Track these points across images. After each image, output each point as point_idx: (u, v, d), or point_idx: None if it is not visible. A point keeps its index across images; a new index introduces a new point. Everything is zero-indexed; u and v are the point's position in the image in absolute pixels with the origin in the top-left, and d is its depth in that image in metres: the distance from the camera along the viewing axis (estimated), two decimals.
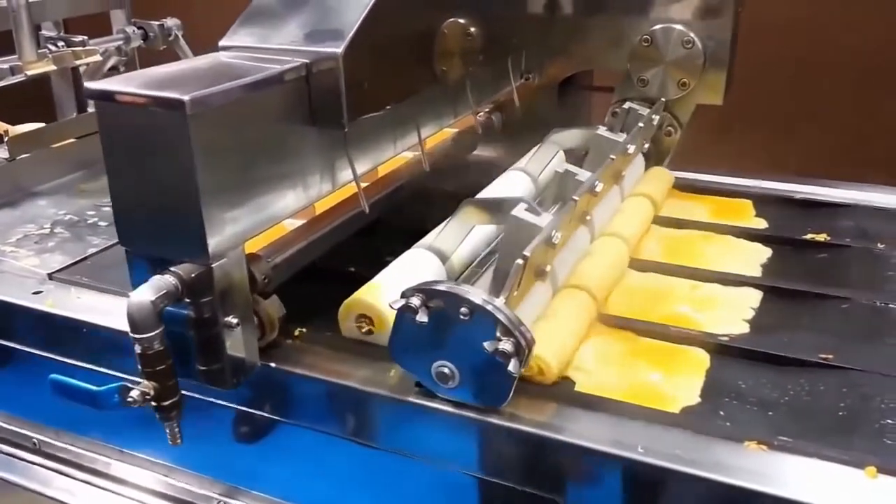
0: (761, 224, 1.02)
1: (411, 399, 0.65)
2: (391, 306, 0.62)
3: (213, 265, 0.62)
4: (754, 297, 0.83)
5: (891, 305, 0.81)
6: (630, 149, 0.90)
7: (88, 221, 1.07)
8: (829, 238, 0.96)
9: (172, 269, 0.62)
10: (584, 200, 0.76)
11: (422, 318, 0.61)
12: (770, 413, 0.65)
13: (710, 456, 0.59)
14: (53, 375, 0.64)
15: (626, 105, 1.02)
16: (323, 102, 0.68)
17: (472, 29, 0.91)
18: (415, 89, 0.82)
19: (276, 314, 0.72)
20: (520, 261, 0.61)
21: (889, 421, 0.64)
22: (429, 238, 0.83)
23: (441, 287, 0.61)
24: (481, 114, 1.14)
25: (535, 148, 1.12)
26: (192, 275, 0.63)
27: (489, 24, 0.94)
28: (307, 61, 0.67)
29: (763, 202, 1.07)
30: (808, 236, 0.96)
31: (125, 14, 1.32)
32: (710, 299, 0.82)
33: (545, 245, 0.66)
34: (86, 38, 1.25)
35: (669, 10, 1.05)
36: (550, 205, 0.79)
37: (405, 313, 0.62)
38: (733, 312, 0.80)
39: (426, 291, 0.62)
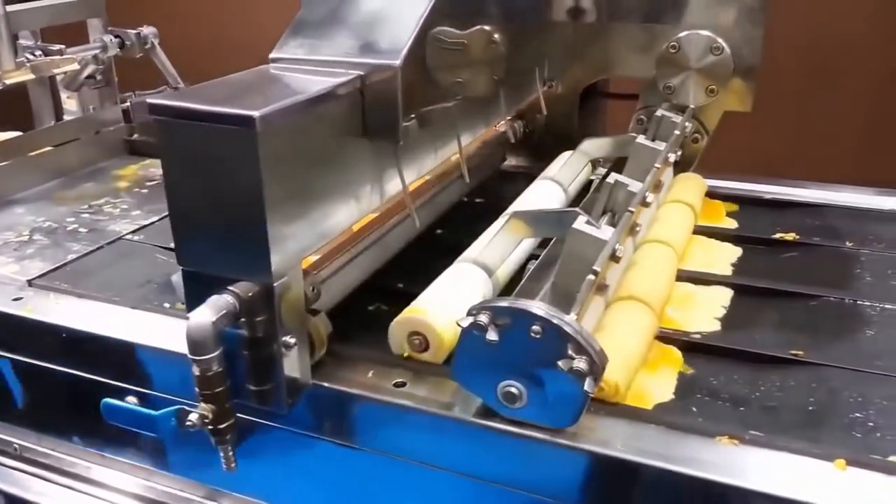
0: (732, 224, 1.04)
1: (483, 422, 0.63)
2: (458, 324, 0.61)
3: (275, 284, 0.60)
4: (725, 295, 0.85)
5: (859, 302, 0.84)
6: (671, 157, 0.90)
7: (68, 228, 1.07)
8: (798, 237, 0.98)
9: (231, 288, 0.61)
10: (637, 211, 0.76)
11: (492, 336, 0.60)
12: (742, 409, 0.67)
13: (683, 451, 0.60)
14: (106, 400, 0.62)
15: (660, 113, 1.02)
16: (378, 115, 0.67)
17: (497, 36, 0.90)
18: (458, 99, 0.80)
19: (325, 331, 0.70)
20: (591, 276, 0.60)
21: (857, 415, 0.66)
22: (473, 251, 0.82)
23: (510, 304, 0.60)
24: (503, 123, 1.13)
25: (565, 157, 1.12)
26: (250, 294, 0.61)
27: (514, 32, 0.94)
28: (362, 73, 0.66)
29: (733, 202, 1.09)
30: (778, 235, 0.99)
31: (102, 23, 1.32)
32: (683, 298, 0.84)
33: (609, 259, 0.66)
34: (63, 47, 1.24)
35: (698, 16, 1.05)
36: (599, 216, 0.78)
37: (472, 332, 0.61)
38: (705, 311, 0.82)
39: (494, 309, 0.60)
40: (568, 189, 1.04)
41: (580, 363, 0.58)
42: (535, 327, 0.59)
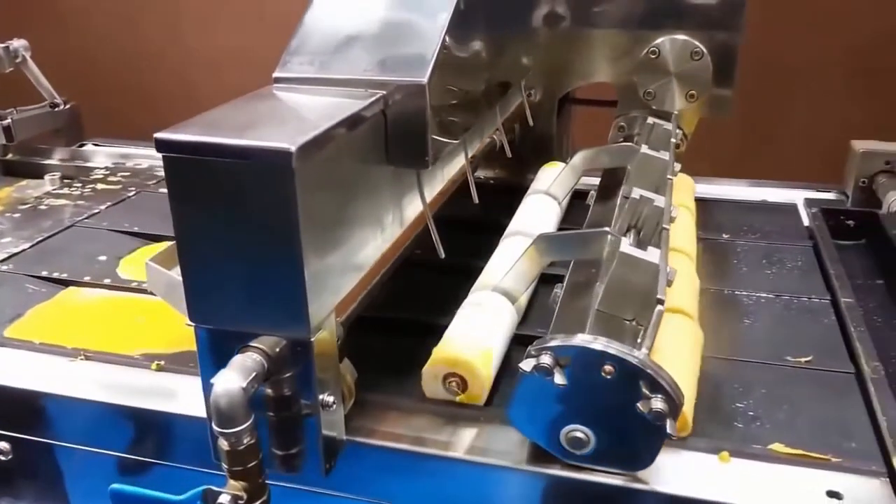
0: None
1: (546, 470, 0.58)
2: (520, 368, 0.55)
3: (312, 339, 0.52)
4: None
5: (737, 292, 0.86)
6: (677, 167, 0.87)
7: None
8: None
9: (256, 344, 0.53)
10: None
11: (560, 380, 0.54)
12: None
13: None
14: (114, 486, 0.53)
15: (651, 120, 0.99)
16: (404, 138, 0.60)
17: (495, 45, 0.85)
18: (473, 117, 0.75)
19: (352, 379, 0.63)
20: (660, 307, 0.56)
21: (739, 404, 0.67)
22: (491, 277, 0.76)
23: (577, 343, 0.55)
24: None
25: (550, 169, 1.07)
26: (278, 349, 0.53)
27: (502, 40, 0.89)
28: (384, 93, 0.59)
29: None
30: None
31: None
32: None
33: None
34: None
35: (677, 21, 1.03)
36: (623, 233, 0.74)
37: (534, 375, 0.55)
38: None
39: (557, 349, 0.55)
40: (562, 203, 1.00)
41: (658, 403, 0.53)
42: (606, 367, 0.54)
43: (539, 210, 0.94)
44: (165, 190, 0.50)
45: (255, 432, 0.53)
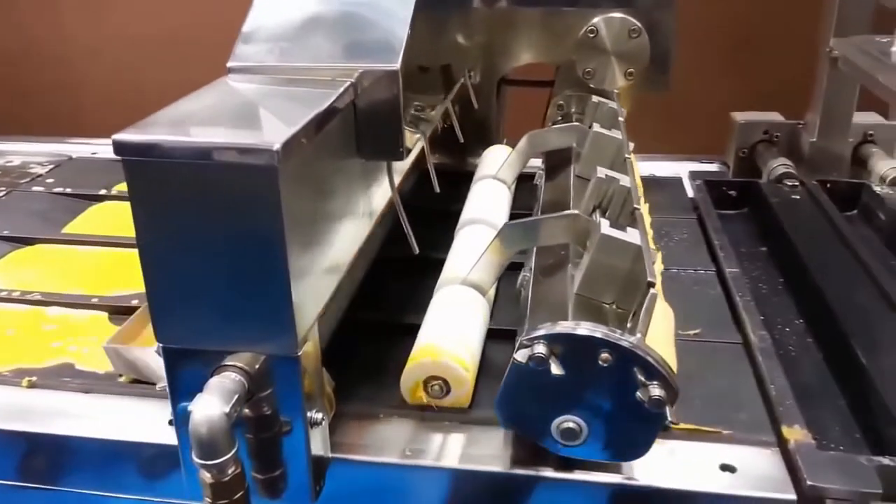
0: None
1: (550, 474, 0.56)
2: (515, 359, 0.53)
3: (299, 353, 0.48)
4: None
5: None
6: (631, 146, 0.86)
7: None
8: None
9: (231, 362, 0.48)
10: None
11: (557, 370, 0.52)
12: None
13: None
14: None
15: (595, 99, 0.98)
16: (375, 129, 0.56)
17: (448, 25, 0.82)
18: (429, 103, 0.71)
19: (330, 388, 0.59)
20: (654, 291, 0.54)
21: None
22: (456, 270, 0.73)
23: (571, 331, 0.53)
24: None
25: (495, 151, 1.05)
26: (258, 366, 0.49)
27: (444, 20, 0.86)
28: (352, 81, 0.54)
29: None
30: None
31: None
32: None
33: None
34: None
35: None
36: (589, 213, 0.73)
37: (527, 366, 0.53)
38: None
39: (550, 337, 0.53)
40: (511, 187, 0.98)
41: (657, 390, 0.52)
42: (603, 355, 0.52)
43: (491, 196, 0.92)
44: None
45: (239, 460, 0.48)
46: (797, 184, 1.03)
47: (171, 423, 0.52)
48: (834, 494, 0.52)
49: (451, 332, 0.64)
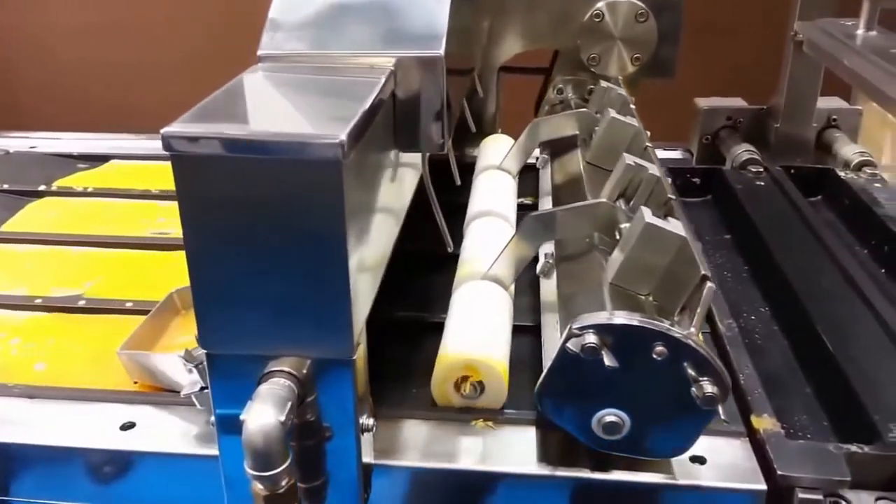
0: None
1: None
2: (567, 348, 0.51)
3: (354, 356, 0.46)
4: None
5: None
6: (648, 133, 0.85)
7: None
8: None
9: (279, 368, 0.46)
10: None
11: (610, 361, 0.50)
12: None
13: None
14: None
15: (604, 84, 0.96)
16: (416, 119, 0.54)
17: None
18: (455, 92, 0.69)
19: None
20: (711, 284, 0.53)
21: None
22: (476, 264, 0.70)
23: (626, 321, 0.51)
24: None
25: (494, 140, 1.03)
26: (304, 370, 0.46)
27: (463, 6, 0.83)
28: (391, 69, 0.52)
29: None
30: None
31: None
32: None
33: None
34: None
35: None
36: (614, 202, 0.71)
37: (578, 356, 0.51)
38: None
39: (603, 328, 0.51)
40: (515, 177, 0.96)
41: (709, 386, 0.51)
42: (658, 348, 0.51)
43: (498, 187, 0.90)
44: None
45: (292, 471, 0.46)
46: (761, 170, 1.02)
47: (211, 425, 0.49)
48: (804, 483, 0.52)
49: (481, 329, 0.62)
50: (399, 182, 0.58)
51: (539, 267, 0.74)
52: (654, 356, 0.51)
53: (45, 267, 0.86)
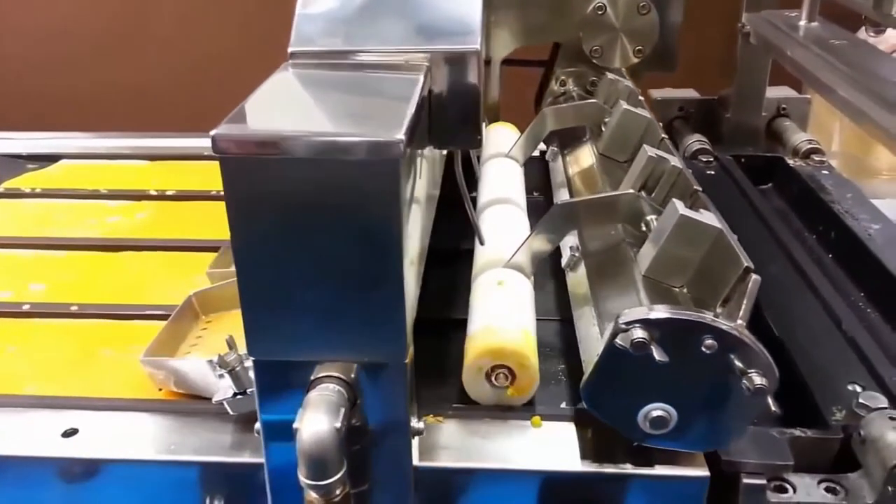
0: None
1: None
2: (616, 343, 0.50)
3: (407, 360, 0.45)
4: None
5: None
6: (660, 126, 0.85)
7: None
8: None
9: (328, 373, 0.45)
10: None
11: (661, 356, 0.50)
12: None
13: None
14: None
15: (610, 76, 0.96)
16: (452, 115, 0.53)
17: None
18: None
19: None
20: (756, 277, 0.53)
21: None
22: (495, 254, 0.69)
23: (675, 315, 0.50)
24: None
25: (498, 129, 1.02)
26: (352, 375, 0.45)
27: None
28: (427, 65, 0.51)
29: None
30: None
31: None
32: None
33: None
34: None
35: None
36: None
37: (626, 350, 0.50)
38: None
39: (650, 322, 0.50)
40: (522, 167, 0.95)
41: (759, 379, 0.51)
42: (708, 341, 0.51)
43: (507, 175, 0.89)
44: None
45: (347, 479, 0.45)
46: (712, 159, 1.03)
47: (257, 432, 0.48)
48: (748, 468, 0.52)
49: (510, 316, 0.61)
50: (432, 179, 0.57)
51: (565, 261, 0.74)
52: (704, 349, 0.51)
53: None
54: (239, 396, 0.54)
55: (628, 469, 0.53)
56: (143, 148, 1.14)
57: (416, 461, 0.52)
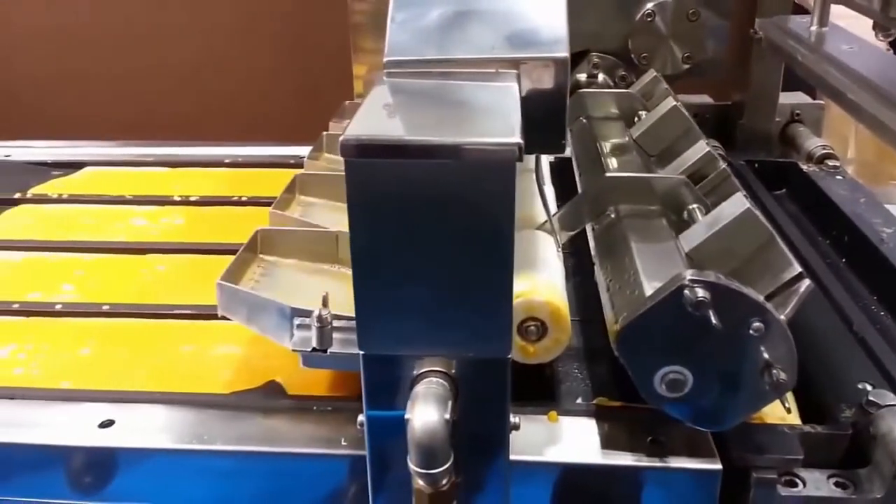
0: None
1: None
2: (681, 297, 0.50)
3: (509, 355, 0.47)
4: None
5: None
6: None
7: None
8: None
9: (433, 368, 0.47)
10: None
11: (716, 322, 0.49)
12: None
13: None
14: None
15: (652, 72, 0.97)
16: (539, 120, 0.54)
17: None
18: None
19: None
20: (809, 282, 0.54)
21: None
22: (526, 217, 0.69)
23: (737, 288, 0.50)
24: None
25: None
26: (453, 370, 0.47)
27: None
28: (516, 72, 0.53)
29: None
30: None
31: None
32: None
33: None
34: None
35: None
36: None
37: (681, 304, 0.50)
38: None
39: (712, 286, 0.50)
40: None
41: (782, 374, 0.50)
42: (756, 324, 0.51)
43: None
44: None
45: (453, 470, 0.46)
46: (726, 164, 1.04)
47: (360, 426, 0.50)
48: (759, 463, 0.54)
49: (543, 270, 0.61)
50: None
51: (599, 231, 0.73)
52: (751, 331, 0.51)
53: (23, 273, 0.86)
54: (317, 352, 0.56)
55: (643, 462, 0.54)
56: (164, 156, 1.17)
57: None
